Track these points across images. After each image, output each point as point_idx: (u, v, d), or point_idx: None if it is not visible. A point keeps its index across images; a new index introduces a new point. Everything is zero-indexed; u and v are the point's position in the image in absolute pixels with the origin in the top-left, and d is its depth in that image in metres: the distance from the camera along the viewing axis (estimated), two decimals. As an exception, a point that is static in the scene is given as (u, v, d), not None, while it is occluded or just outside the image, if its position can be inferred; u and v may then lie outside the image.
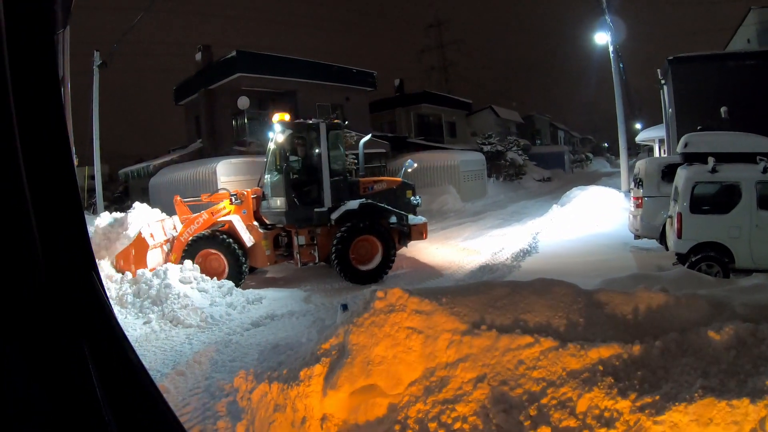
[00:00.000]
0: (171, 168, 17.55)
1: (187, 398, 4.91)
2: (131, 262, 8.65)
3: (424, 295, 3.84)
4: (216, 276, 8.79)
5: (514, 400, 3.17)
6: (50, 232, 1.00)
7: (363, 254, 9.57)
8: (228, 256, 9.12)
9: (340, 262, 9.27)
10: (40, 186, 0.98)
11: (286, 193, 9.55)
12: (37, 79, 1.06)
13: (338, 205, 9.56)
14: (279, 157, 9.78)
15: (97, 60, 17.49)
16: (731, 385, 2.82)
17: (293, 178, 9.66)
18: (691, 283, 4.83)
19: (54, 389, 0.90)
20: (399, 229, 9.93)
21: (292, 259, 9.82)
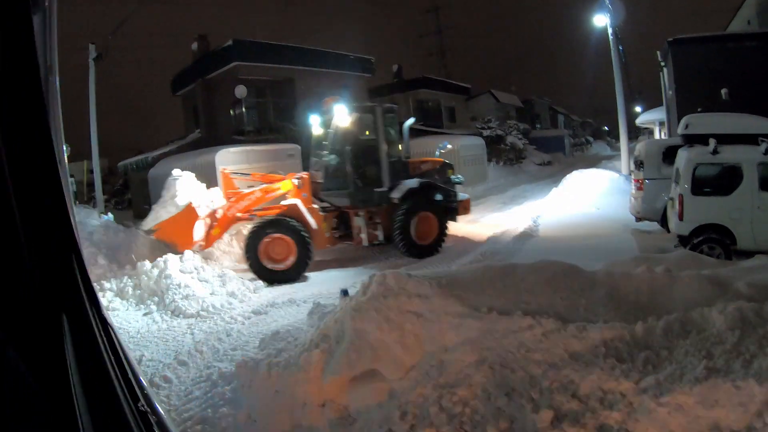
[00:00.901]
0: (170, 159, 17.43)
1: (190, 387, 4.92)
2: (179, 234, 8.72)
3: (424, 278, 3.80)
4: (280, 260, 8.99)
5: (515, 382, 3.14)
6: (32, 217, 1.01)
7: (421, 230, 10.01)
8: (297, 240, 9.09)
9: (403, 238, 9.74)
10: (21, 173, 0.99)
11: (348, 175, 9.88)
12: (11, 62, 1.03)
13: (395, 185, 10.07)
14: (339, 140, 10.00)
15: (92, 53, 17.33)
16: (736, 365, 2.79)
17: (355, 160, 9.98)
18: (693, 265, 4.79)
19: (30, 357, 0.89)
20: (449, 205, 10.51)
21: (349, 239, 10.08)
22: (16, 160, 0.98)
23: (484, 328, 3.42)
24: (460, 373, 3.27)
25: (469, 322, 3.47)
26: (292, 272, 9.08)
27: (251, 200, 9.41)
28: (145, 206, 18.34)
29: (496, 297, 3.67)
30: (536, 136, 39.38)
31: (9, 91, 1.02)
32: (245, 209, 9.31)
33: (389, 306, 3.63)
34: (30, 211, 1.00)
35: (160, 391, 4.83)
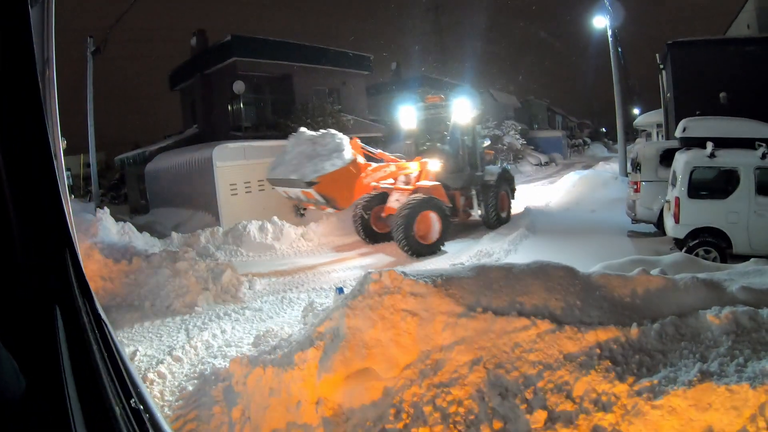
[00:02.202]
0: (167, 154, 17.39)
1: (183, 383, 4.91)
2: (339, 190, 9.27)
3: (420, 277, 3.79)
4: (425, 233, 10.12)
5: (510, 383, 3.14)
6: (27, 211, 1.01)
7: (501, 206, 12.52)
8: (442, 217, 10.32)
9: (495, 213, 12.08)
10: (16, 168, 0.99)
11: (463, 161, 11.92)
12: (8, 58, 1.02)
13: (484, 170, 12.47)
14: (458, 131, 11.95)
15: (90, 46, 17.24)
16: (730, 369, 2.79)
17: (468, 148, 12.07)
18: (689, 268, 4.80)
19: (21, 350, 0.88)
20: (512, 187, 13.49)
21: (455, 216, 11.46)
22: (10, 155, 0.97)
23: (479, 328, 3.41)
24: (454, 372, 3.27)
25: (464, 321, 3.46)
26: (435, 246, 10.27)
27: (385, 173, 10.63)
28: (142, 201, 18.32)
29: (491, 297, 3.66)
30: (534, 136, 39.40)
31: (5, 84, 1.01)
32: (378, 180, 10.50)
33: (384, 304, 3.62)
34: (24, 205, 1.00)
35: (154, 386, 4.82)
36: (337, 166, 9.09)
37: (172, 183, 15.59)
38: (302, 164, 9.28)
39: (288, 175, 9.39)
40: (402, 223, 9.71)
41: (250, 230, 11.60)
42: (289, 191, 10.03)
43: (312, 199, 9.47)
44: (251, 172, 13.88)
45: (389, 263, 9.78)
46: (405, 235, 9.72)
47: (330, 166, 9.04)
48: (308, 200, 9.72)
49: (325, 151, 9.40)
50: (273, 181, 10.20)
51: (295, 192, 9.71)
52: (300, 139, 10.19)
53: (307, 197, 9.57)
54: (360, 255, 10.64)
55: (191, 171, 14.49)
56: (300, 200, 10.22)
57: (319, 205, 9.66)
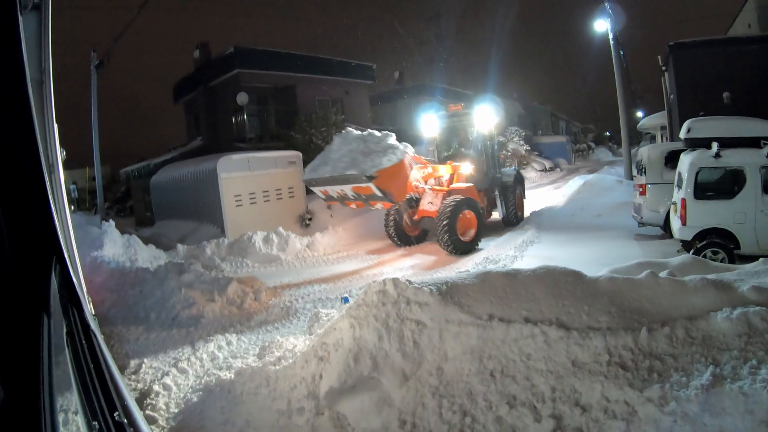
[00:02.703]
0: (171, 166, 17.44)
1: (189, 395, 4.87)
2: (395, 184, 9.60)
3: (425, 285, 3.75)
4: (464, 232, 10.68)
5: (517, 392, 3.08)
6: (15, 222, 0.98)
7: (518, 204, 13.44)
8: (478, 216, 11.02)
9: (513, 212, 12.96)
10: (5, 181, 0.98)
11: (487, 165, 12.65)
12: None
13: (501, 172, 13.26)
14: (481, 137, 12.68)
15: (94, 60, 17.40)
16: (744, 372, 2.73)
17: (487, 152, 12.77)
18: (697, 269, 4.73)
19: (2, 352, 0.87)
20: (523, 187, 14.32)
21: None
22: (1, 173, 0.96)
23: (484, 336, 3.37)
24: (460, 381, 3.22)
25: (470, 329, 3.42)
26: (472, 244, 10.81)
27: (425, 174, 11.13)
28: (148, 213, 18.38)
29: (497, 304, 3.61)
30: (538, 142, 39.32)
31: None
32: (419, 179, 10.95)
33: (389, 313, 3.58)
34: (12, 213, 0.97)
35: (159, 398, 4.78)
36: (393, 162, 9.39)
37: (177, 195, 15.62)
38: (357, 161, 9.50)
39: (342, 172, 9.53)
40: (447, 223, 10.23)
41: (256, 241, 11.59)
42: (332, 190, 10.21)
43: (364, 195, 9.73)
44: (256, 183, 13.90)
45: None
46: (450, 235, 10.26)
47: (387, 162, 9.31)
48: (356, 197, 9.95)
49: (380, 148, 9.70)
50: (315, 181, 10.29)
51: (344, 189, 9.89)
52: (347, 138, 10.47)
53: (358, 193, 9.78)
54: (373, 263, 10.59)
55: (196, 183, 14.52)
56: (344, 198, 10.35)
57: (370, 201, 9.95)
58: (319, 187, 10.40)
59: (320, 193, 10.67)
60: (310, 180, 10.44)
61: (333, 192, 10.30)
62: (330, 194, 10.48)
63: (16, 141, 1.02)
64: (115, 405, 0.93)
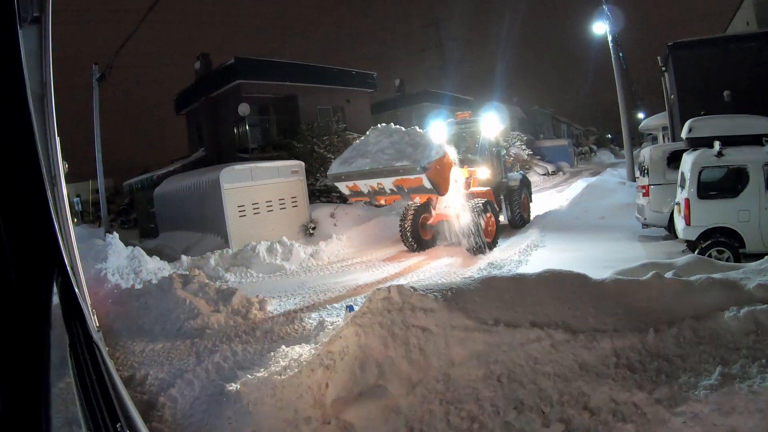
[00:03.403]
0: (175, 177, 17.51)
1: (195, 406, 4.85)
2: (442, 178, 9.56)
3: (429, 291, 3.73)
4: (486, 231, 10.89)
5: (525, 396, 3.06)
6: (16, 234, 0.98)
7: (524, 207, 13.75)
8: (496, 218, 11.47)
9: (519, 214, 13.26)
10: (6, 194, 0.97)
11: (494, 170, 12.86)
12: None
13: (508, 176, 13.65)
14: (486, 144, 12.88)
15: (96, 73, 17.52)
16: (753, 371, 2.70)
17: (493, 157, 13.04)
18: (702, 269, 4.70)
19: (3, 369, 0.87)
20: (530, 191, 14.72)
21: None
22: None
23: (491, 341, 3.35)
24: (467, 387, 3.20)
25: (476, 335, 3.40)
26: (492, 245, 11.16)
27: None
28: (151, 225, 18.42)
29: (502, 309, 3.59)
30: (540, 146, 39.32)
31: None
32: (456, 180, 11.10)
33: (394, 321, 3.57)
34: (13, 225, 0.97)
35: (165, 410, 4.76)
36: (441, 154, 9.41)
37: (180, 206, 15.66)
38: (407, 152, 9.47)
39: (390, 163, 9.48)
40: (475, 225, 10.49)
41: (260, 251, 11.60)
42: (364, 184, 10.12)
43: (407, 188, 9.68)
44: (259, 193, 13.93)
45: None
46: (478, 235, 10.51)
47: (435, 154, 9.33)
48: (396, 191, 9.87)
49: (425, 141, 9.70)
50: (348, 175, 10.19)
51: (383, 183, 9.82)
52: (387, 131, 10.42)
53: (400, 186, 9.71)
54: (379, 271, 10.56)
55: (199, 194, 14.56)
56: (377, 193, 10.25)
57: (411, 194, 9.99)
58: (349, 181, 10.29)
59: (345, 189, 10.59)
60: (340, 174, 10.31)
61: (365, 186, 10.21)
62: (359, 189, 10.37)
63: (17, 154, 1.02)
64: (118, 417, 0.93)
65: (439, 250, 11.84)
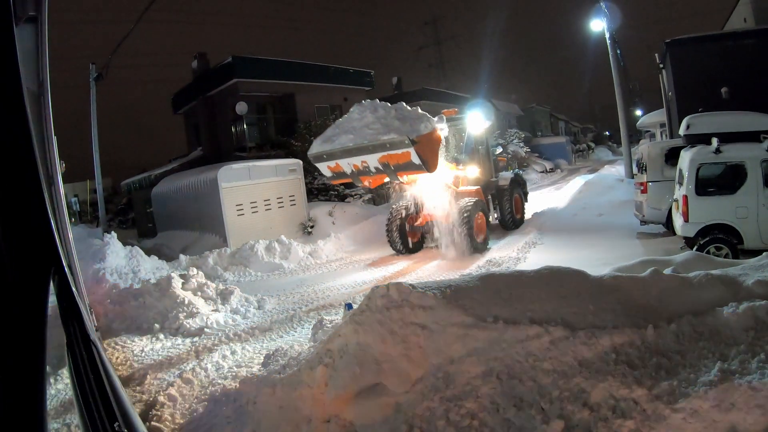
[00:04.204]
0: (172, 177, 17.48)
1: (194, 405, 4.86)
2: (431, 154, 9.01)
3: (428, 288, 3.73)
4: (477, 232, 10.55)
5: (524, 393, 3.06)
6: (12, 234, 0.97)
7: (516, 208, 13.15)
8: (487, 218, 11.12)
9: (511, 215, 12.77)
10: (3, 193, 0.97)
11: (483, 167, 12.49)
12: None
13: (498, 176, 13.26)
14: (472, 141, 12.27)
15: (93, 73, 17.49)
16: (752, 366, 2.70)
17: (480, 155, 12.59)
18: (701, 265, 4.72)
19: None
20: (524, 190, 14.09)
21: None
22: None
23: (490, 338, 3.34)
24: (467, 384, 3.19)
25: (475, 332, 3.39)
26: (483, 245, 10.76)
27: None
28: (149, 224, 18.39)
29: (501, 306, 3.59)
30: (538, 143, 39.36)
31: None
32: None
33: (393, 318, 3.56)
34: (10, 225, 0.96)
35: (165, 409, 4.76)
36: (430, 129, 8.92)
37: (178, 206, 15.64)
38: (393, 126, 8.89)
39: (376, 137, 8.91)
40: (465, 225, 10.16)
41: (258, 250, 11.59)
42: (347, 164, 9.59)
43: (394, 165, 9.11)
44: (257, 192, 13.92)
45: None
46: (469, 237, 10.18)
47: (424, 128, 8.83)
48: (382, 169, 9.33)
49: (414, 115, 9.15)
50: (330, 154, 9.64)
51: (368, 161, 9.28)
52: (373, 106, 9.73)
53: (386, 164, 9.14)
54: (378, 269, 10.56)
55: (197, 193, 14.54)
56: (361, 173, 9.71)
57: (398, 172, 9.31)
58: (331, 161, 9.76)
59: (327, 169, 10.05)
60: (321, 153, 9.75)
61: (348, 166, 9.66)
62: (342, 170, 9.84)
63: (14, 153, 1.01)
64: (116, 416, 0.92)
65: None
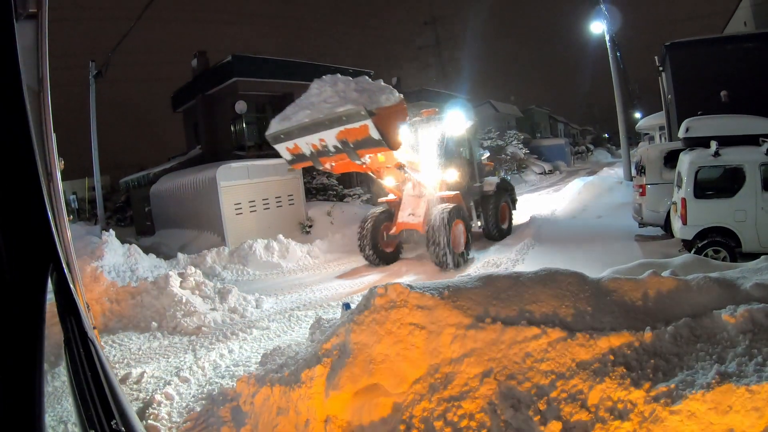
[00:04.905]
0: (171, 175, 17.48)
1: (191, 404, 4.85)
2: (390, 127, 8.07)
3: (426, 289, 3.73)
4: (455, 244, 9.57)
5: (522, 394, 3.06)
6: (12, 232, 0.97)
7: (501, 217, 12.18)
8: (467, 226, 10.16)
9: (495, 224, 11.75)
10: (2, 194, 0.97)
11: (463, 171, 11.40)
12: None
13: (482, 181, 12.09)
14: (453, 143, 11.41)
15: (92, 70, 17.46)
16: (749, 369, 2.70)
17: (461, 158, 11.67)
18: (699, 268, 4.71)
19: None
20: (513, 197, 13.23)
21: None
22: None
23: (488, 339, 3.34)
24: (464, 385, 3.19)
25: (473, 333, 3.39)
26: (463, 257, 9.81)
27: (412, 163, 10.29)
28: (148, 223, 18.37)
29: (499, 307, 3.59)
30: (537, 145, 39.44)
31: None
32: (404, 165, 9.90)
33: (391, 319, 3.56)
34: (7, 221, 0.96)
35: (162, 408, 4.75)
36: (394, 101, 8.13)
37: (177, 204, 15.64)
38: (351, 98, 7.97)
39: (332, 110, 8.00)
40: (442, 235, 9.16)
41: (256, 249, 11.58)
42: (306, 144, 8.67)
43: (353, 143, 8.18)
44: (255, 191, 13.92)
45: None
46: (446, 248, 9.18)
47: (385, 100, 8.02)
48: (341, 148, 8.37)
49: (375, 87, 8.29)
50: (287, 133, 8.72)
51: (326, 138, 8.36)
52: (333, 80, 8.73)
53: (345, 141, 8.22)
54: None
55: (196, 192, 14.53)
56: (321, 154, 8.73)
57: (358, 150, 8.29)
58: (289, 141, 8.80)
59: (286, 152, 9.11)
60: (279, 132, 8.82)
61: (307, 147, 8.72)
62: (301, 151, 8.87)
63: (13, 150, 1.01)
64: (113, 413, 0.92)
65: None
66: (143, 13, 14.11)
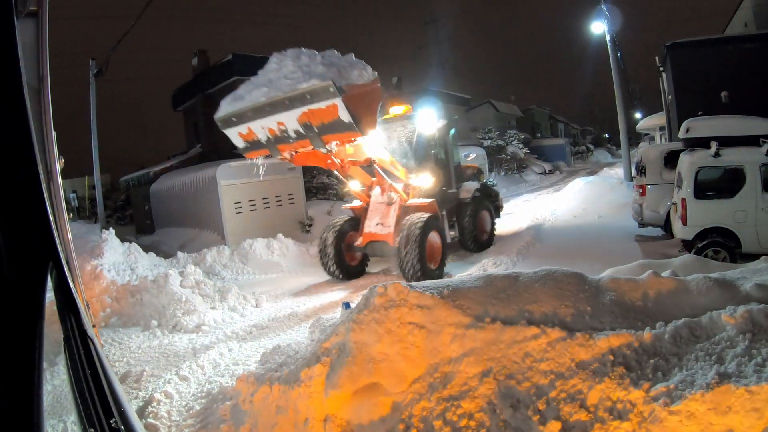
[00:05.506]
0: (171, 174, 17.49)
1: (191, 403, 4.86)
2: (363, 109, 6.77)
3: (426, 288, 3.73)
4: (430, 257, 8.65)
5: (521, 394, 3.06)
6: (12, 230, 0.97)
7: (481, 226, 11.03)
8: (443, 238, 9.32)
9: (474, 234, 10.57)
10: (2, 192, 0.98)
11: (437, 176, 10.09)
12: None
13: (459, 187, 10.84)
14: (423, 145, 10.30)
15: (93, 69, 17.47)
16: (749, 370, 2.70)
17: (435, 161, 10.41)
18: (699, 269, 4.71)
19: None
20: (496, 204, 11.99)
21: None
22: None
23: (487, 339, 3.34)
24: (464, 385, 3.19)
25: (473, 332, 3.39)
26: (438, 272, 8.87)
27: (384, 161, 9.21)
28: (148, 221, 18.38)
29: (499, 307, 3.59)
30: (537, 145, 39.47)
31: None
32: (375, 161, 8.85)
33: (390, 318, 3.56)
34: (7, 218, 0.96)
35: (161, 406, 4.75)
36: (366, 79, 6.93)
37: (177, 203, 15.64)
38: (317, 72, 6.62)
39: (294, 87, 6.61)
40: (416, 248, 8.18)
41: (256, 248, 11.58)
42: (262, 128, 7.27)
43: (318, 127, 6.82)
44: (256, 191, 13.91)
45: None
46: (421, 263, 8.25)
47: (358, 77, 6.82)
48: (303, 133, 6.99)
49: (345, 62, 7.00)
50: (239, 115, 7.31)
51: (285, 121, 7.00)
52: (295, 54, 7.09)
53: (308, 124, 6.86)
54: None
55: (196, 190, 14.53)
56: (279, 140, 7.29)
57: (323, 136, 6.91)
58: (242, 125, 7.39)
59: (239, 138, 7.66)
60: (228, 116, 7.43)
61: (262, 132, 7.30)
62: (256, 137, 7.43)
63: (13, 148, 1.01)
64: (112, 412, 0.92)
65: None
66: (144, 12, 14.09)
